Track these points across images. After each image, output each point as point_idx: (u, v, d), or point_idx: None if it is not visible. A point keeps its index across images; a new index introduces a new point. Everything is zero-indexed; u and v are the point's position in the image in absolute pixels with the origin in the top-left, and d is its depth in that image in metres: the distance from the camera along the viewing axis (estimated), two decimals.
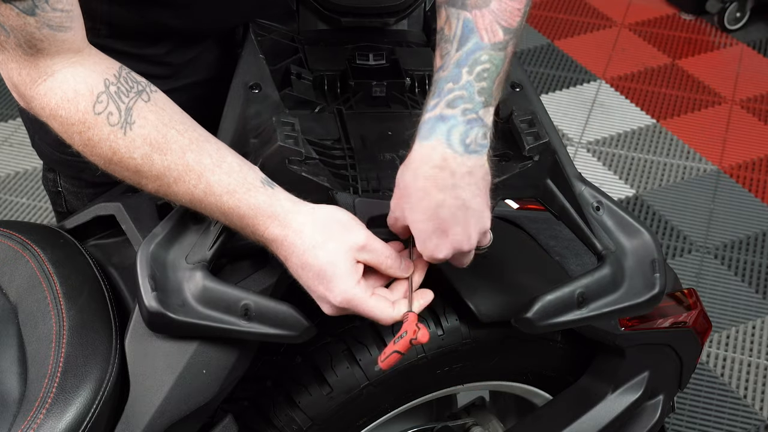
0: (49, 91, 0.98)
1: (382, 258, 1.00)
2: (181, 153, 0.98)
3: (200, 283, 1.02)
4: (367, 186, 1.07)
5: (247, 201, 0.99)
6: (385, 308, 0.99)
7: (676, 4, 3.57)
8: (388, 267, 1.00)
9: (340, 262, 0.98)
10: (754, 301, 2.45)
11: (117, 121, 0.97)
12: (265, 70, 1.13)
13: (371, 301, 0.99)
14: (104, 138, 0.98)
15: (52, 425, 1.01)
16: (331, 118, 1.14)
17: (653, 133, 3.00)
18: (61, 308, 1.09)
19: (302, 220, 0.99)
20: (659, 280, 1.09)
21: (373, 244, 0.99)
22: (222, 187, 0.98)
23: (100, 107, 0.97)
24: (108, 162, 0.99)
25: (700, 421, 2.16)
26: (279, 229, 0.99)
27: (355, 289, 0.98)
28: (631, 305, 1.09)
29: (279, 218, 0.99)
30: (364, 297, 0.98)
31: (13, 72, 0.98)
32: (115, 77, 0.99)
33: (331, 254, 0.97)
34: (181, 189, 0.99)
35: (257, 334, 1.03)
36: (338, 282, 0.98)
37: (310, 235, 0.98)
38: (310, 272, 0.99)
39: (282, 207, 0.99)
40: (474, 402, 1.53)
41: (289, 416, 1.19)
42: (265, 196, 0.99)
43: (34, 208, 2.67)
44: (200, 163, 0.99)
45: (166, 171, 0.98)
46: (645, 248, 1.10)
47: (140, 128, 0.98)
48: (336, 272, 0.98)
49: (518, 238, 1.33)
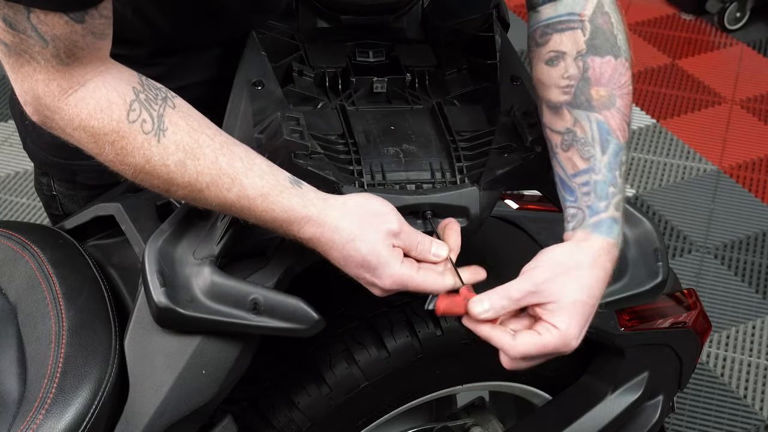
0: (80, 101, 0.96)
1: (415, 243, 1.02)
2: (213, 158, 0.98)
3: (208, 278, 1.02)
4: (372, 180, 1.07)
5: (281, 203, 0.99)
6: (436, 278, 1.01)
7: (676, 4, 3.57)
8: (419, 252, 1.02)
9: (382, 250, 0.99)
10: (754, 301, 2.45)
11: (151, 129, 0.97)
12: (267, 67, 1.13)
13: (420, 277, 1.00)
14: (138, 146, 0.97)
15: (52, 426, 1.01)
16: (333, 113, 1.14)
17: (653, 133, 3.00)
18: (60, 309, 1.09)
19: (335, 215, 0.99)
20: (662, 268, 1.10)
21: (405, 229, 1.01)
22: (255, 190, 0.99)
23: (134, 115, 0.97)
24: (139, 171, 0.98)
25: (700, 421, 2.16)
26: (315, 228, 0.99)
27: (402, 270, 1.00)
28: (635, 294, 1.09)
29: (313, 218, 0.99)
30: (412, 274, 1.00)
31: (39, 84, 0.95)
32: (140, 85, 0.99)
33: (371, 244, 0.99)
34: (213, 194, 0.99)
35: (266, 328, 1.03)
36: (384, 268, 0.99)
37: (347, 229, 0.99)
38: (353, 263, 1.00)
39: (315, 206, 1.00)
40: (474, 402, 1.53)
41: (288, 417, 1.19)
42: (298, 198, 0.99)
43: (34, 208, 2.67)
44: (233, 167, 0.99)
45: (199, 176, 0.98)
46: (647, 238, 1.11)
47: (173, 134, 0.97)
48: (380, 260, 0.99)
49: (518, 238, 1.33)
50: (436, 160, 1.10)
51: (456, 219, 1.06)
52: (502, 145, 1.08)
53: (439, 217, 1.06)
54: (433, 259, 1.02)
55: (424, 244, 1.02)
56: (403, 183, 1.08)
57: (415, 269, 1.00)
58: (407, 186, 1.07)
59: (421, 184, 1.08)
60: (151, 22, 1.16)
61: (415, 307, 1.23)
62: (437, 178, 1.08)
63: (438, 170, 1.09)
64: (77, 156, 1.01)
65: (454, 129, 1.13)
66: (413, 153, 1.11)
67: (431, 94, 1.19)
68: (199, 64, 1.26)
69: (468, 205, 1.05)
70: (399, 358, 1.21)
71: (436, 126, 1.14)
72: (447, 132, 1.13)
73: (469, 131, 1.13)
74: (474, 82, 1.20)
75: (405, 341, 1.21)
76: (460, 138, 1.12)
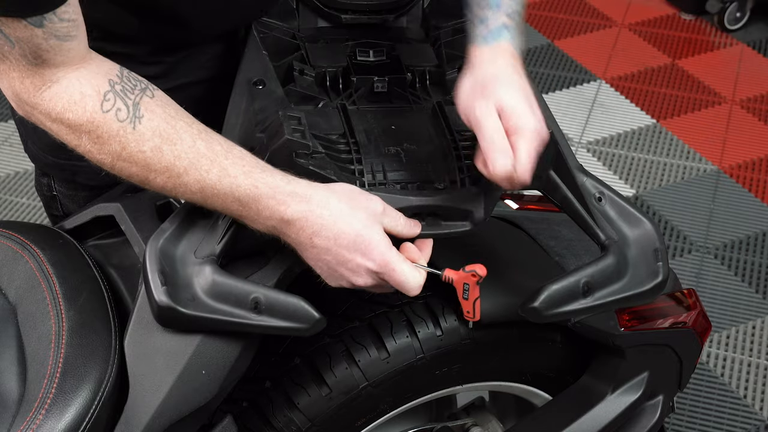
0: (54, 96, 0.98)
1: (395, 222, 1.03)
2: (191, 142, 0.99)
3: (209, 277, 1.02)
4: (373, 179, 1.07)
5: (265, 180, 0.99)
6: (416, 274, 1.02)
7: (676, 4, 3.57)
8: (400, 231, 1.03)
9: (375, 227, 1.01)
10: (754, 301, 2.45)
11: (126, 117, 0.98)
12: (268, 66, 1.13)
13: (405, 266, 1.01)
14: (114, 134, 0.98)
15: (52, 426, 1.01)
16: (334, 113, 1.14)
17: (653, 133, 3.00)
18: (60, 309, 1.09)
19: (323, 194, 1.00)
20: (662, 268, 1.10)
21: (386, 210, 1.03)
22: (237, 168, 0.99)
23: (108, 105, 0.98)
24: (116, 158, 0.99)
25: (700, 421, 2.16)
26: (302, 205, 0.99)
27: (391, 252, 1.01)
28: (635, 293, 1.09)
29: (299, 195, 0.99)
30: (398, 260, 1.01)
31: (15, 81, 0.98)
32: (118, 77, 1.00)
33: (364, 220, 1.00)
34: (192, 178, 0.99)
35: (267, 327, 1.03)
36: (375, 245, 1.00)
37: (336, 205, 1.00)
38: (344, 240, 1.00)
39: (299, 184, 1.00)
40: (474, 402, 1.53)
41: (288, 417, 1.19)
42: (281, 175, 1.00)
43: (34, 208, 2.67)
44: (212, 149, 0.99)
45: (176, 161, 0.99)
46: (647, 238, 1.11)
47: (149, 121, 0.98)
48: (373, 236, 1.00)
49: (518, 238, 1.33)
50: (436, 159, 1.10)
51: (460, 222, 1.06)
52: None
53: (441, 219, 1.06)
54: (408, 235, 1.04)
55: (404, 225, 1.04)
56: (404, 183, 1.08)
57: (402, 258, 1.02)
58: (408, 186, 1.07)
59: (423, 185, 1.08)
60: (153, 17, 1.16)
61: (415, 307, 1.24)
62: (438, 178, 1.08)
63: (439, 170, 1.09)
64: (77, 157, 1.02)
65: (455, 128, 1.13)
66: (414, 152, 1.11)
67: (432, 93, 1.19)
68: (200, 62, 1.26)
69: (472, 209, 1.05)
70: (399, 359, 1.21)
71: (436, 125, 1.14)
72: (448, 131, 1.13)
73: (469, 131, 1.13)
74: None
75: (405, 341, 1.21)
76: (460, 138, 1.12)
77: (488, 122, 1.03)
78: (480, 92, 1.05)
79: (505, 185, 1.03)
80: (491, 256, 1.26)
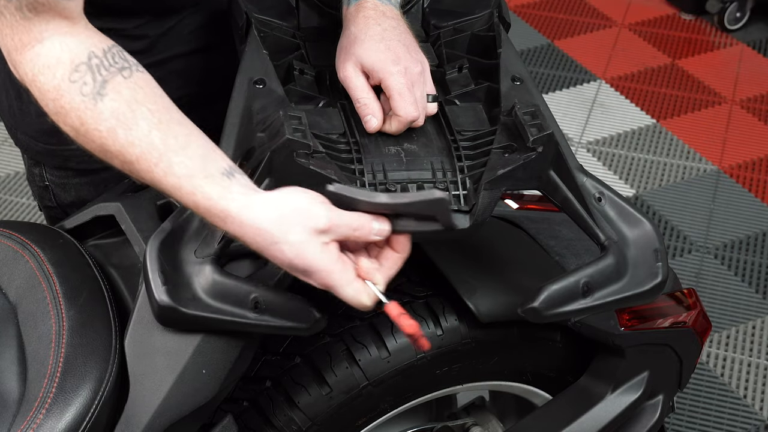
0: (34, 57, 0.98)
1: (350, 232, 0.96)
2: (147, 131, 0.97)
3: (210, 276, 1.02)
4: (373, 179, 1.07)
5: (203, 190, 0.96)
6: (363, 298, 0.97)
7: (676, 4, 3.58)
8: (358, 238, 0.97)
9: (308, 253, 0.95)
10: (754, 301, 2.45)
11: (89, 92, 0.97)
12: (268, 65, 1.13)
13: (350, 290, 0.96)
14: (75, 107, 0.97)
15: (52, 425, 1.01)
16: (335, 112, 1.14)
17: (653, 133, 3.00)
18: (60, 308, 1.09)
19: (254, 215, 0.95)
20: (662, 269, 1.10)
21: (335, 223, 0.95)
22: (182, 169, 0.96)
23: (76, 76, 0.97)
24: (76, 133, 0.99)
25: (700, 421, 2.16)
26: (236, 226, 0.96)
27: (333, 275, 0.95)
28: (635, 294, 1.09)
29: (232, 216, 0.95)
30: (342, 282, 0.96)
31: (7, 38, 0.99)
32: (102, 52, 0.99)
33: (296, 247, 0.94)
34: (143, 167, 0.97)
35: (268, 327, 1.03)
36: (314, 269, 0.95)
37: (268, 230, 0.95)
38: (282, 265, 0.97)
39: (234, 202, 0.95)
40: (474, 402, 1.53)
41: (288, 416, 1.19)
42: (219, 188, 0.96)
43: (34, 208, 2.67)
44: (165, 143, 0.97)
45: (129, 147, 0.97)
46: (647, 238, 1.11)
47: (111, 101, 0.97)
48: (307, 263, 0.95)
49: (518, 238, 1.33)
50: (437, 159, 1.10)
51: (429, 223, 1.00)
52: (503, 145, 1.09)
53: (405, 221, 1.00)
54: (376, 238, 0.97)
55: (363, 229, 0.97)
56: (405, 182, 1.08)
57: (347, 278, 0.96)
58: (409, 186, 1.07)
59: (422, 184, 1.08)
60: None
61: (416, 306, 1.24)
62: (438, 178, 1.08)
63: (439, 170, 1.09)
64: (68, 141, 1.01)
65: (455, 128, 1.13)
66: (414, 152, 1.11)
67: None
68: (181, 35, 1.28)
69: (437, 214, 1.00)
70: (399, 358, 1.21)
71: (437, 125, 1.14)
72: (448, 131, 1.13)
73: (470, 131, 1.14)
74: (475, 81, 1.20)
75: (405, 341, 1.21)
76: (461, 137, 1.12)
77: (353, 83, 1.11)
78: (344, 55, 1.12)
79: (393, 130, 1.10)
80: (491, 256, 1.26)
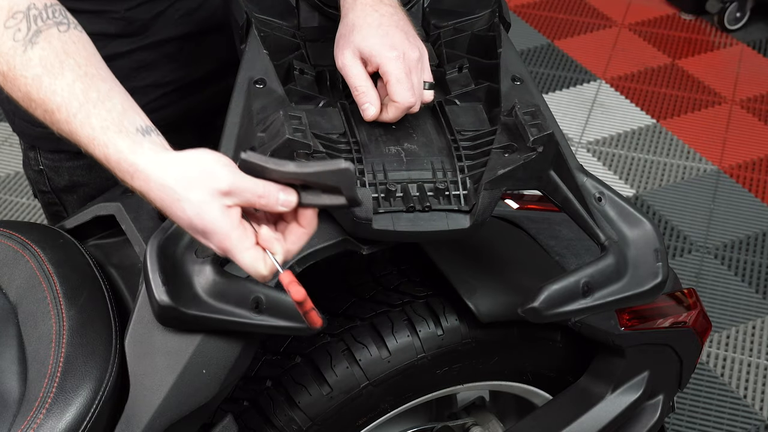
0: None
1: (255, 198, 0.94)
2: (71, 81, 0.98)
3: (210, 276, 1.02)
4: (373, 179, 1.07)
5: (115, 143, 0.96)
6: (260, 266, 0.94)
7: (676, 4, 3.58)
8: (264, 207, 0.95)
9: (207, 213, 0.93)
10: (754, 301, 2.45)
11: (21, 38, 0.99)
12: (269, 65, 1.13)
13: (247, 256, 0.94)
14: (4, 52, 0.99)
15: (52, 425, 1.01)
16: (335, 112, 1.14)
17: (653, 133, 3.00)
18: (61, 308, 1.09)
19: (161, 172, 0.95)
20: (662, 269, 1.10)
21: (238, 186, 0.93)
22: (99, 121, 0.97)
23: (11, 23, 1.00)
24: (4, 78, 1.00)
25: (700, 421, 2.16)
26: (142, 181, 0.96)
27: (231, 239, 0.93)
28: (635, 294, 1.09)
29: (139, 171, 0.95)
30: (240, 248, 0.94)
31: None
32: (44, 5, 1.01)
33: (196, 206, 0.93)
34: (62, 117, 0.98)
35: (268, 327, 1.03)
36: (212, 231, 0.93)
37: (171, 187, 0.94)
38: (182, 224, 0.96)
39: (144, 156, 0.95)
40: (474, 402, 1.53)
41: (288, 416, 1.19)
42: (131, 142, 0.96)
43: (34, 208, 2.67)
44: (86, 95, 0.98)
45: (52, 95, 0.98)
46: (647, 238, 1.11)
47: (41, 50, 0.99)
48: (206, 224, 0.93)
49: (518, 238, 1.33)
50: (437, 159, 1.10)
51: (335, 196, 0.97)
52: (503, 145, 1.09)
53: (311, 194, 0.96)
54: (281, 209, 0.95)
55: (269, 197, 0.94)
56: (405, 182, 1.08)
57: (245, 244, 0.94)
58: (409, 186, 1.08)
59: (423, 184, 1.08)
60: None
61: (416, 306, 1.24)
62: (438, 178, 1.09)
63: (440, 170, 1.09)
64: None
65: (455, 128, 1.13)
66: (415, 152, 1.11)
67: None
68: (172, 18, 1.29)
69: (341, 186, 0.96)
70: (400, 358, 1.21)
71: (437, 125, 1.15)
72: (448, 131, 1.13)
73: (470, 131, 1.14)
74: (475, 81, 1.20)
75: (406, 341, 1.21)
76: (461, 137, 1.12)
77: (351, 71, 1.12)
78: (342, 43, 1.13)
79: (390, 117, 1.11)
80: (491, 256, 1.26)
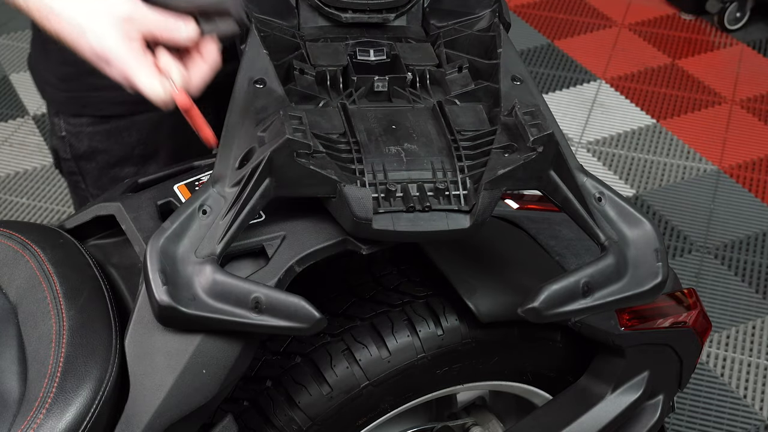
0: None
1: (157, 27, 1.00)
2: None
3: (210, 276, 1.02)
4: (374, 179, 1.07)
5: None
6: (157, 88, 0.99)
7: (676, 4, 3.58)
8: (168, 38, 1.00)
9: (108, 39, 0.98)
10: (754, 301, 2.45)
11: None
12: (269, 65, 1.13)
13: (144, 78, 0.99)
14: None
15: (52, 425, 1.01)
16: (335, 112, 1.14)
17: (653, 133, 3.00)
18: (61, 308, 1.09)
19: (71, 11, 0.99)
20: (662, 268, 1.10)
21: (139, 13, 0.99)
22: None
23: None
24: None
25: (700, 421, 2.16)
26: (55, 21, 1.00)
27: (130, 63, 0.98)
28: (635, 294, 1.09)
29: (55, 12, 1.00)
30: (139, 72, 0.99)
31: None
32: None
33: (98, 34, 0.98)
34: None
35: (268, 327, 1.03)
36: (112, 56, 0.98)
37: (78, 22, 0.99)
38: (88, 55, 1.00)
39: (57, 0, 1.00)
40: (474, 402, 1.53)
41: (288, 416, 1.19)
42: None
43: (34, 208, 2.67)
44: None
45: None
46: (647, 238, 1.11)
47: None
48: (106, 50, 0.98)
49: (518, 238, 1.33)
50: (437, 159, 1.10)
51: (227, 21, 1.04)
52: (503, 145, 1.09)
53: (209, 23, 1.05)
54: (184, 38, 1.01)
55: (171, 27, 1.00)
56: (405, 182, 1.08)
57: (146, 69, 0.99)
58: (409, 186, 1.08)
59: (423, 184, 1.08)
60: None
61: (416, 306, 1.24)
62: (438, 178, 1.09)
63: (440, 170, 1.09)
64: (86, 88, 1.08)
65: (455, 128, 1.13)
66: (415, 152, 1.11)
67: (432, 93, 1.19)
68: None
69: (229, 8, 1.02)
70: (400, 358, 1.21)
71: (437, 125, 1.15)
72: (448, 131, 1.13)
73: (470, 131, 1.14)
74: (475, 81, 1.20)
75: (406, 341, 1.21)
76: (461, 137, 1.12)
77: None
78: None
79: None
80: (491, 256, 1.26)
